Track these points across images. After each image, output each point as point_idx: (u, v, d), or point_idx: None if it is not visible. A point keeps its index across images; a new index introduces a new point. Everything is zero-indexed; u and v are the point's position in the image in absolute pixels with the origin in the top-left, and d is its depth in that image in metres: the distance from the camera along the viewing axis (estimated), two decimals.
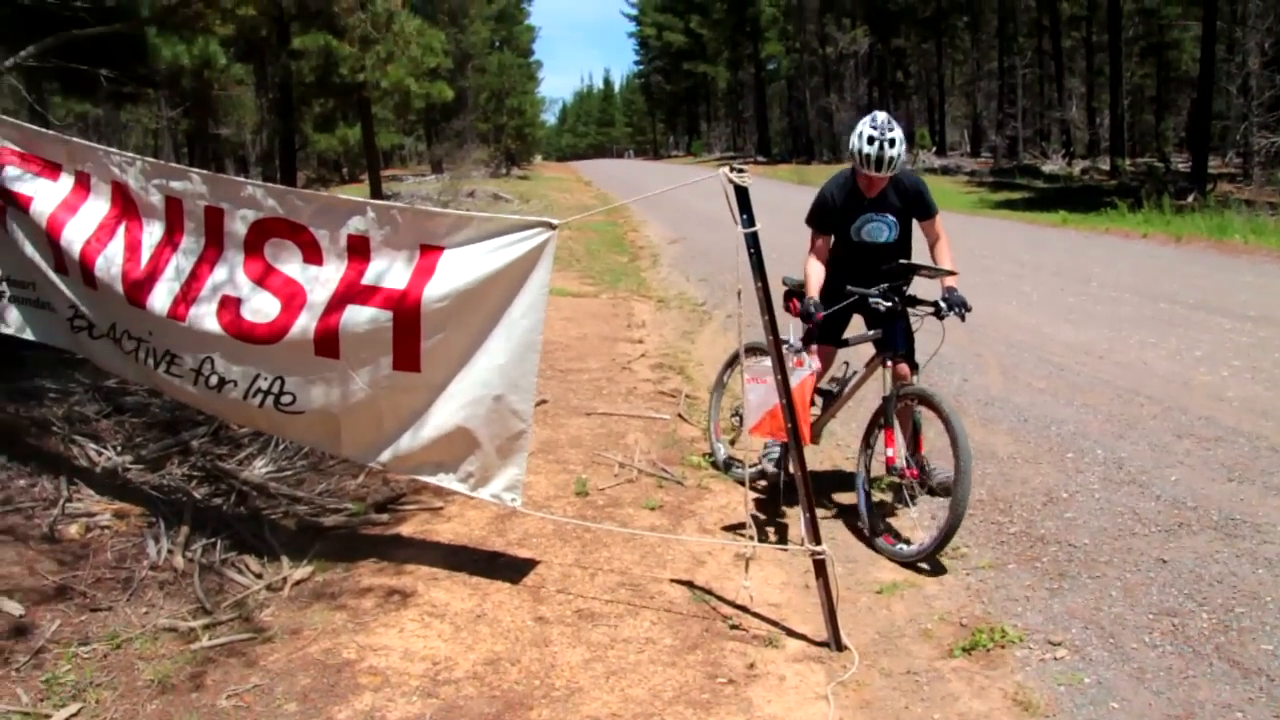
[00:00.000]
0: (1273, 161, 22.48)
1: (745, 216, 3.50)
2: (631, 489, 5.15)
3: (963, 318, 4.51)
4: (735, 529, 4.60)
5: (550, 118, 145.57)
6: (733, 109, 74.51)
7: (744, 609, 3.88)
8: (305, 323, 3.93)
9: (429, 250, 3.81)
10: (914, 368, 4.70)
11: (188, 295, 4.12)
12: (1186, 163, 29.12)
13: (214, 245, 4.11)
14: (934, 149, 44.64)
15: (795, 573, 4.25)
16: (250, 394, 4.14)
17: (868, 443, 4.69)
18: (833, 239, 4.80)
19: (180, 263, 4.16)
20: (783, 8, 52.07)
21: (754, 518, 4.35)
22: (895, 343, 4.59)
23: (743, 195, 3.47)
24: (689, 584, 4.11)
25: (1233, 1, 28.21)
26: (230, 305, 4.06)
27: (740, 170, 3.46)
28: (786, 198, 19.06)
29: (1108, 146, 44.02)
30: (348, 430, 4.14)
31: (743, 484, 4.32)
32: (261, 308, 4.01)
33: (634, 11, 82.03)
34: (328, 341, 3.92)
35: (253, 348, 4.05)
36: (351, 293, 3.88)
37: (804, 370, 4.53)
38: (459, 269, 3.76)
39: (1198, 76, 26.64)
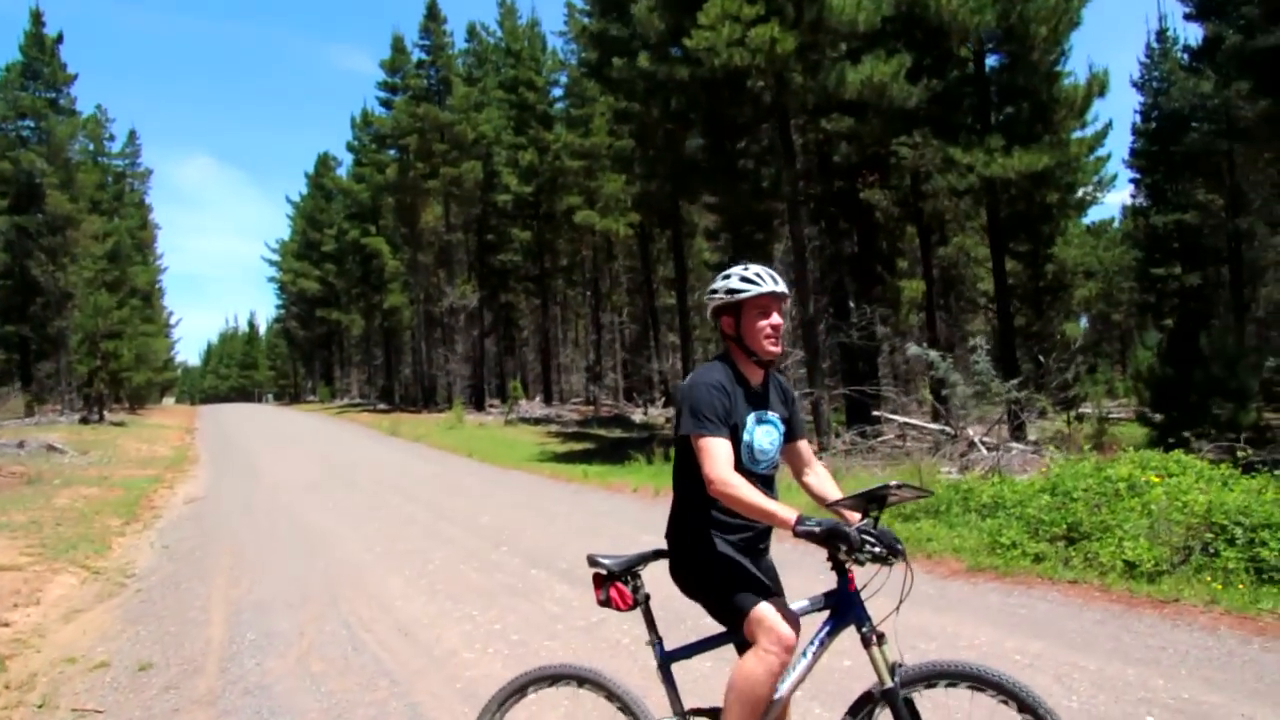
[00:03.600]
0: None
1: None
2: None
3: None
4: None
5: (193, 359, 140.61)
6: (367, 356, 75.15)
7: None
8: None
9: None
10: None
11: None
12: None
13: None
14: (536, 398, 47.35)
15: None
16: None
17: None
18: None
19: None
20: (405, 263, 54.09)
21: None
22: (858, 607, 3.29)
23: None
24: None
25: None
26: None
27: None
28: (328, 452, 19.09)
29: None
30: None
31: None
32: None
33: (275, 257, 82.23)
34: None
35: None
36: None
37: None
38: None
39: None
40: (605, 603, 3.63)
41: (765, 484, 3.52)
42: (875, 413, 20.43)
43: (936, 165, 20.82)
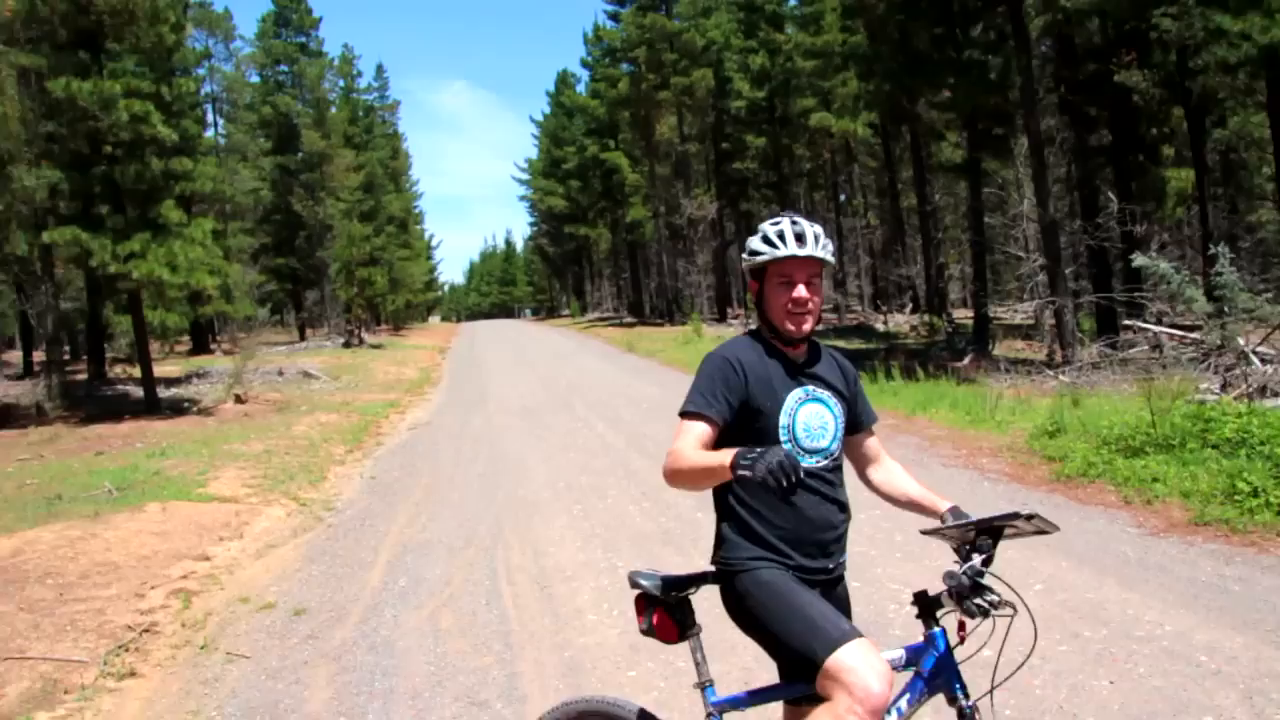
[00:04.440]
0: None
1: None
2: None
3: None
4: None
5: (458, 277, 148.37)
6: (616, 269, 76.40)
7: None
8: None
9: None
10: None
11: None
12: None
13: None
14: None
15: None
16: None
17: None
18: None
19: None
20: (644, 176, 54.24)
21: None
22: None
23: None
24: None
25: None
26: None
27: None
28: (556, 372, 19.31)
29: (959, 300, 46.26)
30: None
31: None
32: None
33: (525, 176, 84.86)
34: None
35: None
36: None
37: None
38: None
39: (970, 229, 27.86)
40: (648, 631, 3.01)
41: (819, 483, 2.83)
42: (1126, 322, 18.50)
43: (1201, 38, 18.25)
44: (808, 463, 2.81)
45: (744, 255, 2.95)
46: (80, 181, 18.68)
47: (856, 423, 3.05)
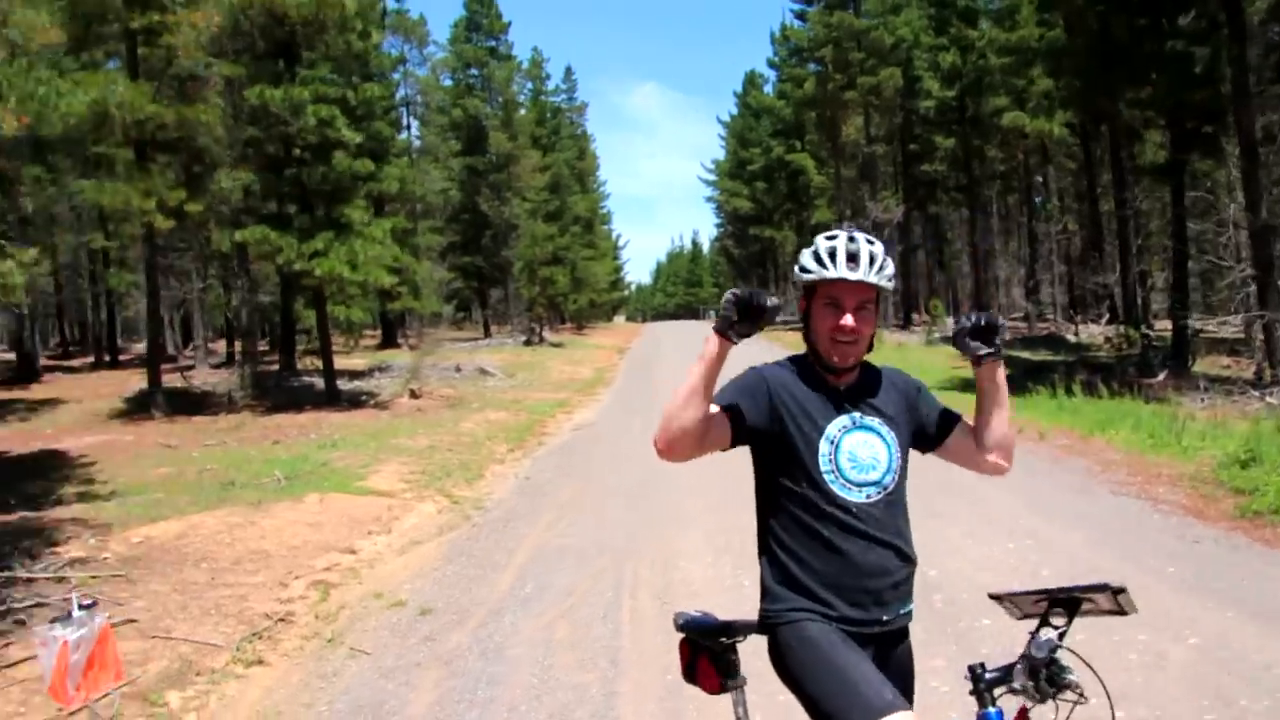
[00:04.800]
0: None
1: None
2: None
3: None
4: None
5: (644, 277, 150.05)
6: None
7: None
8: None
9: None
10: None
11: None
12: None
13: None
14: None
15: None
16: None
17: None
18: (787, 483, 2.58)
19: None
20: (830, 178, 53.39)
21: None
22: None
23: None
24: None
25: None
26: None
27: None
28: None
29: (1161, 310, 43.30)
30: None
31: None
32: None
33: (711, 177, 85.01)
34: None
35: None
36: None
37: None
38: None
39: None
40: (690, 678, 2.79)
41: (868, 521, 2.50)
42: None
43: None
44: (854, 496, 2.52)
45: (796, 268, 2.66)
46: (271, 183, 19.74)
47: (939, 430, 2.72)
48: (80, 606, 5.04)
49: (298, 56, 19.68)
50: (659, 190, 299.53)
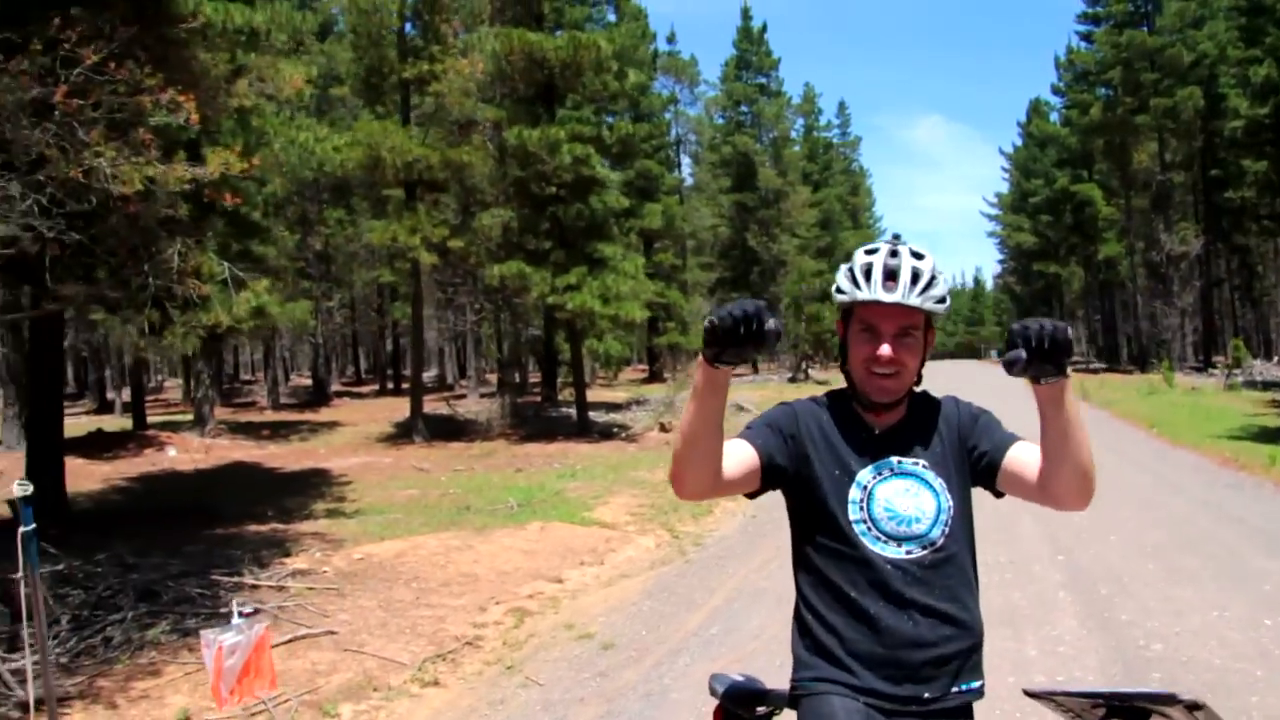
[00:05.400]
0: None
1: None
2: None
3: None
4: None
5: None
6: (1088, 311, 71.07)
7: None
8: None
9: None
10: None
11: None
12: None
13: None
14: (1277, 358, 40.21)
15: None
16: None
17: None
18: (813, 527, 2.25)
19: None
20: (1120, 209, 49.96)
21: None
22: None
23: None
24: None
25: None
26: None
27: None
28: None
29: None
30: None
31: None
32: None
33: (993, 211, 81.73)
34: None
35: None
36: None
37: None
38: None
39: None
40: None
41: (907, 582, 2.11)
42: None
43: None
44: (890, 552, 2.14)
45: (833, 289, 2.27)
46: (530, 220, 20.59)
47: (996, 456, 2.19)
48: (240, 614, 5.24)
49: (558, 98, 20.49)
50: (940, 225, 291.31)
